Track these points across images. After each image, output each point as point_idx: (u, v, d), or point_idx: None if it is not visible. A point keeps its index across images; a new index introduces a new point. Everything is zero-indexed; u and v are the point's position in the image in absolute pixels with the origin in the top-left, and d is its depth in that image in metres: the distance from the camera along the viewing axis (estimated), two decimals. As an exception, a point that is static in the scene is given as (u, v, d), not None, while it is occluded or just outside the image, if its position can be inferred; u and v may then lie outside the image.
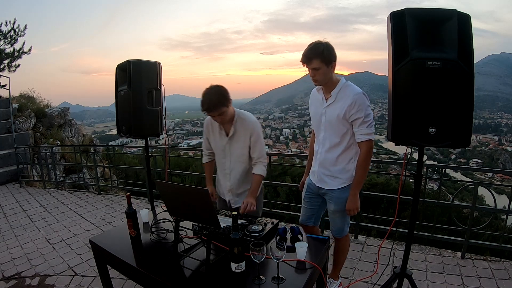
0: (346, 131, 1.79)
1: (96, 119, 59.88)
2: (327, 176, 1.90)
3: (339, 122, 1.77)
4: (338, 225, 1.99)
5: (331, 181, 1.89)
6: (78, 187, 6.09)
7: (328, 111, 1.82)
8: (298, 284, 1.34)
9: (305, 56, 1.69)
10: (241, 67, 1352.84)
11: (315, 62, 1.67)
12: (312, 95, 1.99)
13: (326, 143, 1.86)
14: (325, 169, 1.90)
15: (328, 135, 1.85)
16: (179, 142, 41.18)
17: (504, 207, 2.67)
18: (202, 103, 1.78)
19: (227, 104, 1.81)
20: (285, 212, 3.64)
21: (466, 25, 1.28)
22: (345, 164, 1.85)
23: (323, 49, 1.65)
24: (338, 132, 1.80)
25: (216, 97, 1.76)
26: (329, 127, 1.83)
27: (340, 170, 1.86)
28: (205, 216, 1.46)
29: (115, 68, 2.37)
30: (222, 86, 1.81)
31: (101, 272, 1.90)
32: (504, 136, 37.36)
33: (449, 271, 2.41)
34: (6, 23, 8.98)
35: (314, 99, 1.96)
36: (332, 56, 1.69)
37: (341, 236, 2.03)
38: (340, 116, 1.75)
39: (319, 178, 1.94)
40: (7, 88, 7.70)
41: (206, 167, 2.23)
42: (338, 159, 1.84)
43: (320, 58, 1.66)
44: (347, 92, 1.76)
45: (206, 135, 2.10)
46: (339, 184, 1.87)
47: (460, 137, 1.36)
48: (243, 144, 1.95)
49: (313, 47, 1.67)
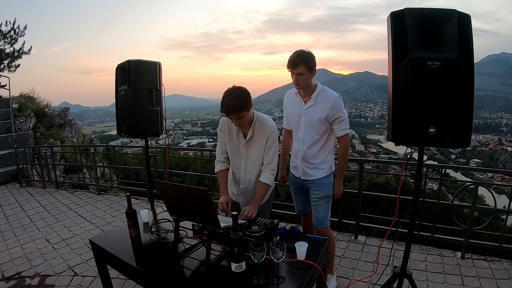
0: (325, 129, 2.01)
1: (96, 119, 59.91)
2: (311, 168, 2.08)
3: (321, 122, 1.98)
4: (323, 212, 2.13)
5: (315, 172, 2.08)
6: (78, 187, 6.10)
7: (308, 113, 2.01)
8: (298, 284, 1.34)
9: (292, 61, 1.87)
10: (241, 67, 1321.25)
11: (300, 67, 1.86)
12: (288, 97, 2.16)
13: (307, 140, 2.04)
14: (307, 163, 2.08)
15: (308, 133, 2.04)
16: (179, 142, 41.21)
17: (504, 207, 2.67)
18: (222, 105, 1.72)
19: (248, 108, 1.75)
20: (285, 212, 3.64)
21: (466, 25, 1.28)
22: (325, 156, 2.07)
23: (308, 58, 1.86)
24: (318, 131, 2.01)
25: (236, 101, 1.69)
26: (310, 126, 2.02)
27: (321, 161, 2.06)
28: (205, 216, 1.46)
29: (115, 68, 2.37)
30: (244, 89, 1.75)
31: (101, 272, 1.90)
32: (504, 136, 37.38)
33: (449, 271, 2.41)
34: (6, 23, 9.01)
35: (290, 101, 2.14)
36: (314, 64, 1.90)
37: (325, 226, 2.16)
38: (322, 118, 1.96)
39: (303, 172, 2.11)
40: (7, 88, 7.71)
41: (220, 175, 2.07)
42: (318, 153, 2.05)
43: (305, 65, 1.86)
44: (326, 96, 1.97)
45: (221, 137, 2.03)
46: (323, 174, 2.08)
47: (460, 137, 1.36)
48: (260, 147, 1.91)
49: (299, 54, 1.86)
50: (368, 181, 7.85)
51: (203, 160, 4.17)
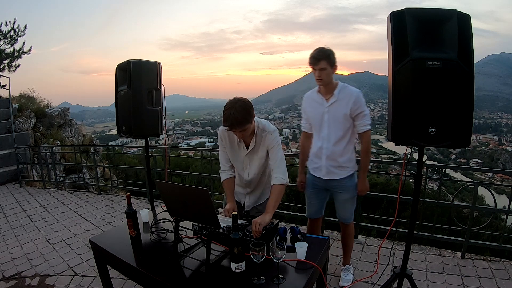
0: (349, 126, 2.01)
1: (96, 119, 59.91)
2: (336, 167, 2.07)
3: (345, 119, 1.99)
4: (349, 212, 2.18)
5: (340, 171, 2.07)
6: (78, 187, 6.09)
7: (331, 110, 2.01)
8: (298, 284, 1.34)
9: (313, 57, 1.89)
10: (241, 67, 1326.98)
11: (322, 63, 1.88)
12: (308, 98, 2.15)
13: (332, 137, 2.04)
14: (333, 161, 2.06)
15: (333, 130, 2.03)
16: (179, 142, 41.21)
17: (504, 207, 2.67)
18: (225, 119, 1.65)
19: (251, 120, 1.70)
20: (285, 212, 3.64)
21: (466, 25, 1.28)
22: (350, 154, 2.07)
23: (329, 53, 1.89)
24: (342, 127, 2.01)
25: (240, 114, 1.63)
26: (334, 123, 2.02)
27: (347, 160, 2.06)
28: (205, 216, 1.46)
29: (115, 68, 2.37)
30: (246, 100, 1.69)
31: (101, 272, 1.90)
32: (504, 136, 37.37)
33: (449, 271, 2.41)
34: (6, 23, 9.01)
35: (310, 101, 2.13)
36: (335, 60, 1.92)
37: (350, 222, 2.23)
38: (347, 113, 1.97)
39: (328, 171, 2.09)
40: (7, 88, 7.71)
41: (226, 184, 1.98)
42: (344, 150, 2.04)
43: (327, 60, 1.88)
44: (348, 92, 1.98)
45: (222, 146, 1.97)
46: (347, 173, 2.08)
47: (460, 137, 1.36)
48: (262, 154, 1.88)
49: (320, 50, 1.89)
50: (368, 181, 7.83)
51: (203, 160, 4.17)
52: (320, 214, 2.30)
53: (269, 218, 1.69)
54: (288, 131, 41.58)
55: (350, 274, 2.32)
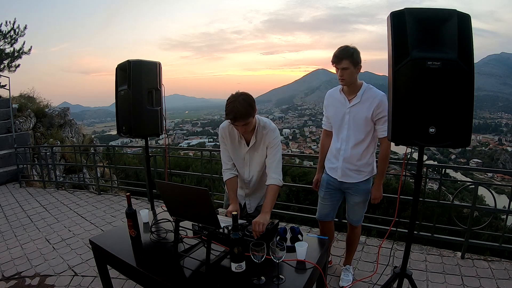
0: (370, 129, 1.95)
1: (96, 119, 59.90)
2: (352, 170, 2.02)
3: (366, 121, 1.92)
4: (359, 214, 2.16)
5: (356, 175, 2.02)
6: (78, 187, 6.09)
7: (353, 111, 1.95)
8: (298, 284, 1.34)
9: (336, 56, 1.83)
10: (241, 67, 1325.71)
11: (344, 62, 1.82)
12: (330, 96, 2.09)
13: (351, 140, 1.99)
14: (350, 164, 2.01)
15: (353, 132, 1.97)
16: (179, 142, 41.23)
17: (504, 207, 2.67)
18: (228, 112, 1.65)
19: (254, 114, 1.71)
20: (285, 212, 3.64)
21: (466, 25, 1.28)
22: (368, 158, 2.01)
23: (353, 52, 1.82)
24: (363, 130, 1.95)
25: (243, 107, 1.63)
26: (354, 125, 1.96)
27: (364, 164, 2.01)
28: (205, 216, 1.46)
29: (115, 68, 2.37)
30: (249, 94, 1.70)
31: (101, 272, 1.90)
32: (504, 136, 37.37)
33: (449, 271, 2.41)
34: (6, 23, 9.01)
35: (333, 100, 2.07)
36: (359, 59, 1.85)
37: (359, 225, 2.22)
38: (368, 116, 1.90)
39: (343, 173, 2.04)
40: (7, 88, 7.71)
41: (229, 184, 1.95)
42: (362, 154, 1.99)
43: (350, 59, 1.82)
44: (372, 94, 1.91)
45: (224, 144, 1.96)
46: (363, 177, 2.03)
47: (460, 137, 1.36)
48: (263, 152, 1.88)
49: (343, 49, 1.82)
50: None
51: (203, 160, 4.17)
52: (331, 217, 2.23)
53: (269, 217, 1.70)
54: (288, 131, 41.57)
55: (350, 274, 2.32)
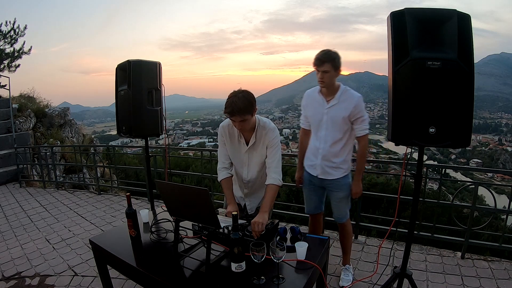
0: (347, 129, 2.04)
1: (96, 119, 59.92)
2: (331, 168, 2.10)
3: (344, 121, 2.01)
4: (343, 210, 2.21)
5: (335, 172, 2.11)
6: (78, 187, 6.09)
7: (331, 112, 2.03)
8: (298, 284, 1.34)
9: (319, 59, 1.91)
10: (241, 67, 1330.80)
11: (326, 65, 1.90)
12: (309, 96, 2.16)
13: (329, 139, 2.07)
14: (328, 162, 2.10)
15: (330, 132, 2.06)
16: (179, 142, 41.23)
17: (504, 207, 2.67)
18: (226, 105, 1.68)
19: (252, 112, 1.72)
20: (285, 212, 3.64)
21: (466, 25, 1.28)
22: (345, 156, 2.10)
23: (334, 57, 1.91)
24: (341, 130, 2.03)
25: (241, 102, 1.65)
26: (332, 125, 2.04)
27: (342, 161, 2.09)
28: (205, 216, 1.46)
29: (115, 68, 2.37)
30: (250, 93, 1.72)
31: (101, 272, 1.90)
32: (504, 136, 37.38)
33: (449, 271, 2.41)
34: (6, 23, 9.00)
35: (311, 101, 2.14)
36: (340, 64, 1.94)
37: (345, 221, 2.24)
38: (346, 117, 1.99)
39: (322, 170, 2.12)
40: (7, 88, 7.70)
41: (225, 184, 1.94)
42: (340, 152, 2.08)
43: (331, 63, 1.90)
44: (349, 96, 2.01)
45: (222, 142, 1.96)
46: (342, 174, 2.11)
47: (460, 137, 1.36)
48: (262, 152, 1.88)
49: (326, 53, 1.91)
50: (368, 181, 7.85)
51: (203, 160, 4.17)
52: (319, 210, 2.31)
53: (268, 217, 1.70)
54: (288, 131, 41.58)
55: (350, 274, 2.32)
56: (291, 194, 7.60)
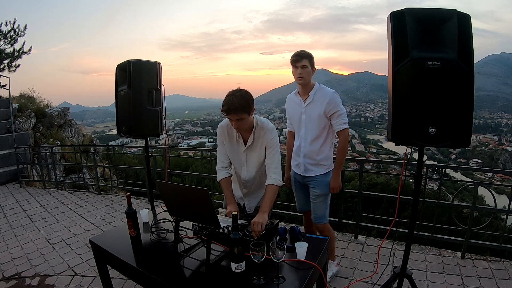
0: (324, 125, 2.11)
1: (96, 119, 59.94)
2: (313, 165, 2.18)
3: (319, 118, 2.08)
4: (321, 209, 2.22)
5: (316, 169, 2.17)
6: (78, 187, 6.09)
7: (307, 110, 2.13)
8: (298, 284, 1.34)
9: (298, 55, 2.03)
10: (241, 67, 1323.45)
11: (304, 61, 2.02)
12: (289, 99, 2.28)
13: (308, 137, 2.15)
14: (310, 159, 2.17)
15: (309, 129, 2.14)
16: (179, 142, 41.25)
17: (504, 207, 2.67)
18: (223, 103, 1.70)
19: (249, 111, 1.72)
20: (285, 212, 3.64)
21: (466, 25, 1.28)
22: (327, 152, 2.17)
23: (310, 54, 2.05)
24: (318, 126, 2.11)
25: (238, 101, 1.66)
26: (310, 123, 2.13)
27: (324, 157, 2.16)
28: (205, 216, 1.46)
29: (115, 68, 2.37)
30: (248, 92, 1.73)
31: (101, 272, 1.90)
32: (504, 136, 37.40)
33: (449, 271, 2.41)
34: (6, 23, 8.99)
35: (291, 103, 2.26)
36: (314, 63, 2.07)
37: (324, 222, 2.26)
38: (321, 113, 2.07)
39: (305, 168, 2.20)
40: (7, 88, 7.70)
41: (224, 183, 1.94)
42: (320, 149, 2.15)
43: (308, 59, 2.04)
44: (323, 93, 2.09)
45: (221, 141, 1.97)
46: (323, 170, 2.17)
47: (460, 137, 1.36)
48: (260, 152, 1.88)
49: (302, 51, 2.05)
50: (368, 181, 7.85)
51: (203, 160, 4.17)
52: (308, 207, 2.34)
53: (267, 217, 1.70)
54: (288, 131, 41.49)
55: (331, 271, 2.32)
56: (291, 194, 7.60)
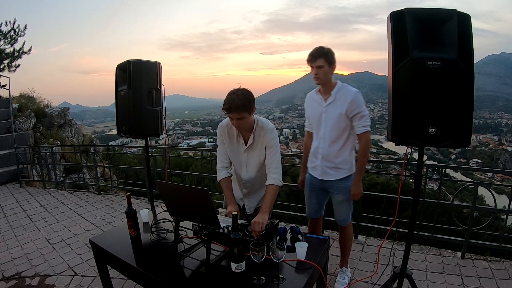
0: (345, 126, 1.99)
1: (96, 119, 59.94)
2: (331, 168, 2.06)
3: (341, 119, 1.97)
4: (345, 213, 2.16)
5: (335, 172, 2.06)
6: (78, 187, 6.09)
7: (328, 109, 2.01)
8: (298, 284, 1.34)
9: (312, 55, 1.92)
10: (241, 67, 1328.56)
11: (319, 61, 1.90)
12: (309, 98, 2.17)
13: (327, 138, 2.04)
14: (328, 162, 2.06)
15: (329, 130, 2.02)
16: (179, 142, 41.25)
17: (504, 207, 2.67)
18: (224, 102, 1.70)
19: (250, 110, 1.72)
20: (285, 212, 3.64)
21: (466, 25, 1.29)
22: (347, 156, 2.05)
23: (327, 51, 1.91)
24: (338, 127, 2.00)
25: (240, 100, 1.67)
26: (330, 123, 2.01)
27: (342, 161, 2.04)
28: (205, 216, 1.46)
29: (115, 68, 2.37)
30: (249, 91, 1.73)
31: (101, 272, 1.90)
32: (504, 136, 37.39)
33: (449, 271, 2.41)
34: (6, 23, 8.99)
35: (311, 101, 2.15)
36: (333, 59, 1.93)
37: (347, 224, 2.21)
38: (342, 113, 1.95)
39: (323, 171, 2.08)
40: (7, 88, 7.70)
41: (224, 183, 1.94)
42: (340, 151, 2.03)
43: (324, 58, 1.90)
44: (345, 92, 1.97)
45: (221, 141, 1.96)
46: (343, 174, 2.06)
47: (460, 137, 1.36)
48: (260, 152, 1.88)
49: (319, 48, 1.92)
50: (368, 181, 7.85)
51: (203, 160, 4.17)
52: (319, 214, 2.29)
53: (268, 217, 1.70)
54: (288, 131, 41.57)
55: (347, 277, 2.29)
56: (291, 194, 7.60)
